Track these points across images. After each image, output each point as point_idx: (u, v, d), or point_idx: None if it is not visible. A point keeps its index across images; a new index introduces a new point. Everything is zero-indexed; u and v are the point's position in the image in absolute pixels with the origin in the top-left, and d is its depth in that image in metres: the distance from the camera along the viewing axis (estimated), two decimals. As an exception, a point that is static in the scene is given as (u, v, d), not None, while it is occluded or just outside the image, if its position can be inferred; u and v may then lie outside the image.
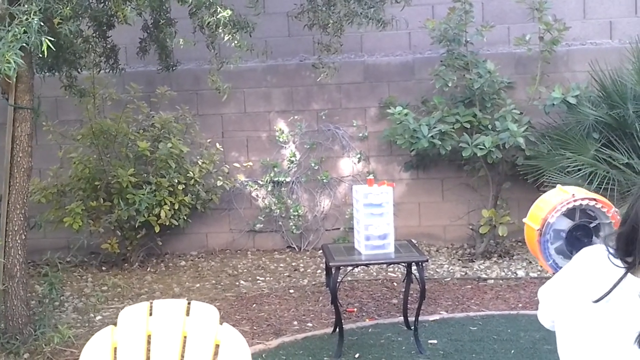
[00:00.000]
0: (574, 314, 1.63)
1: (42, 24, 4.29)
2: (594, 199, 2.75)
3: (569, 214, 2.75)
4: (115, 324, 3.09)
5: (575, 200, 2.73)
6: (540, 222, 2.75)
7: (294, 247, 7.80)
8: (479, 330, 5.43)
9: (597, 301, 1.56)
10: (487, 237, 7.23)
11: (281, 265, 7.35)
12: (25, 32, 4.18)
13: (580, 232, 2.78)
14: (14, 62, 4.11)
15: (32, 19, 4.19)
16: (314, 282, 6.74)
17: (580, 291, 1.63)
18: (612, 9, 7.67)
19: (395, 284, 6.59)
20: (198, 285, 6.82)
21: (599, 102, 6.89)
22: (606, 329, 1.55)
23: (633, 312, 1.51)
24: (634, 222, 1.56)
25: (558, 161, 6.63)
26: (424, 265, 5.12)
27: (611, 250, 1.61)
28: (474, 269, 6.95)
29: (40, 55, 4.56)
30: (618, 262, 1.58)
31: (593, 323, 1.58)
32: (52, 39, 4.33)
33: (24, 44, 4.20)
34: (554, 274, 2.76)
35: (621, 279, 1.55)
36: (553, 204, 2.73)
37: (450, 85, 6.99)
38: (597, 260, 1.64)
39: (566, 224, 2.76)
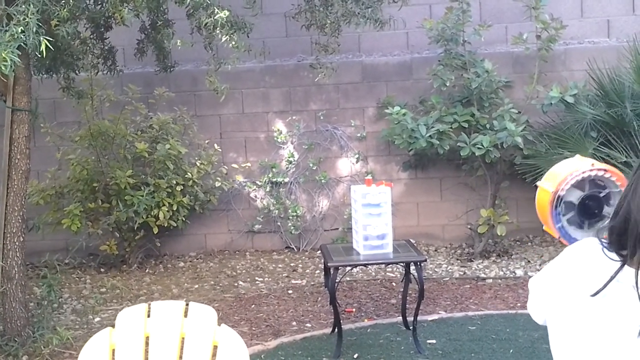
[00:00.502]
0: (568, 309, 1.62)
1: (39, 24, 4.29)
2: (610, 171, 2.77)
3: (579, 185, 2.76)
4: (113, 326, 3.10)
5: (591, 170, 2.74)
6: (556, 186, 2.75)
7: (293, 248, 7.80)
8: (477, 329, 5.43)
9: (594, 295, 1.55)
10: (485, 236, 7.23)
11: (280, 265, 7.35)
12: (23, 31, 4.18)
13: (591, 202, 2.79)
14: (11, 60, 4.11)
15: (30, 18, 4.19)
16: (312, 283, 6.74)
17: (574, 286, 1.61)
18: (610, 8, 7.67)
19: (393, 284, 6.59)
20: (197, 286, 6.82)
21: (596, 101, 6.89)
22: (604, 323, 1.54)
23: (631, 304, 1.50)
24: (626, 212, 1.55)
25: (556, 160, 6.52)
26: (422, 265, 5.12)
27: (605, 244, 1.60)
28: (473, 269, 6.95)
29: (38, 56, 4.56)
30: (613, 255, 1.57)
31: (589, 317, 1.57)
32: (51, 39, 4.33)
33: (22, 44, 4.20)
34: (559, 238, 2.76)
35: (617, 271, 1.54)
36: (569, 171, 2.75)
37: (448, 84, 6.99)
38: (590, 254, 1.63)
39: (576, 196, 2.77)
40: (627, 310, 1.50)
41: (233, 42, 5.37)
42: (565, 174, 2.74)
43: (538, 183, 2.90)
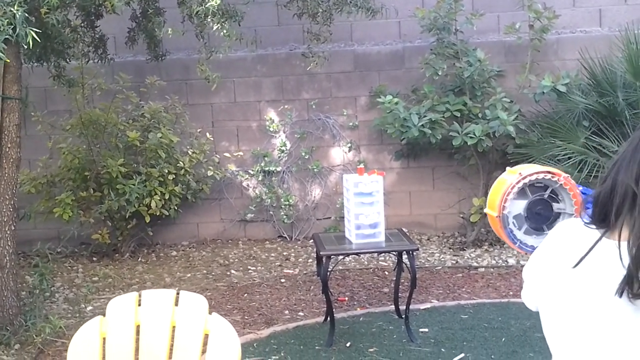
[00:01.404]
0: (554, 285, 1.64)
1: (27, 15, 4.25)
2: (541, 172, 2.77)
3: (520, 195, 2.77)
4: (105, 315, 3.09)
5: (524, 178, 2.75)
6: (497, 208, 2.77)
7: (285, 237, 7.80)
8: (469, 318, 5.45)
9: (575, 266, 1.57)
10: (478, 225, 7.25)
11: (272, 254, 7.35)
12: (10, 23, 4.15)
13: (539, 207, 2.80)
14: (-3, 55, 4.09)
15: (17, 10, 4.16)
16: (305, 272, 6.74)
17: (558, 262, 1.64)
18: (602, -3, 7.67)
19: (386, 272, 6.60)
20: (189, 275, 6.81)
21: (588, 90, 6.90)
22: (586, 295, 1.56)
23: (611, 273, 1.52)
24: (615, 175, 1.57)
25: (548, 149, 6.63)
26: (414, 254, 5.12)
27: (586, 220, 1.62)
28: (465, 258, 6.97)
29: (27, 46, 4.54)
30: (593, 227, 1.60)
31: (573, 290, 1.59)
32: (39, 30, 4.30)
33: (9, 37, 4.17)
34: (525, 253, 2.78)
35: (597, 241, 1.56)
36: (503, 190, 2.76)
37: (440, 73, 6.98)
38: (572, 230, 1.65)
39: (522, 206, 2.78)
40: (607, 281, 1.52)
41: (224, 31, 5.36)
42: (501, 194, 2.75)
43: (485, 210, 2.91)
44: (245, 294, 6.21)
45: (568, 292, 1.60)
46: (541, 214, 2.78)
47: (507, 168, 2.91)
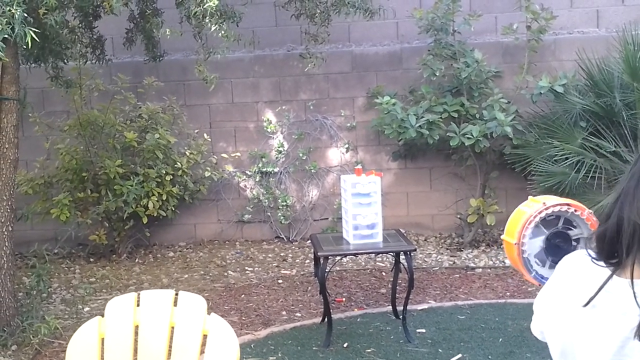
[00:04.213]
0: (561, 321, 1.61)
1: (26, 15, 4.25)
2: (564, 204, 2.78)
3: (536, 233, 2.78)
4: (103, 315, 3.09)
5: (547, 208, 2.75)
6: (516, 235, 2.77)
7: (283, 238, 7.80)
8: (467, 319, 5.45)
9: (585, 305, 1.54)
10: (475, 226, 7.25)
11: (270, 255, 7.35)
12: (8, 23, 4.15)
13: (558, 239, 2.80)
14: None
15: (16, 10, 4.15)
16: (302, 272, 6.74)
17: (567, 298, 1.61)
18: (599, -2, 7.68)
19: (383, 273, 6.60)
20: (186, 276, 6.81)
21: (586, 91, 6.90)
22: (594, 333, 1.53)
23: (621, 314, 1.49)
24: (619, 213, 1.53)
25: (545, 150, 6.64)
26: (412, 254, 5.13)
27: (592, 254, 1.59)
28: (462, 258, 6.97)
29: (26, 47, 4.53)
30: (601, 263, 1.56)
31: (581, 328, 1.56)
32: (38, 30, 4.30)
33: (7, 36, 4.17)
34: (539, 285, 2.76)
35: (607, 280, 1.53)
36: (525, 218, 2.76)
37: (437, 74, 6.98)
38: (581, 265, 1.62)
39: (540, 244, 2.79)
40: (617, 320, 1.50)
41: (222, 32, 5.36)
42: (522, 222, 2.75)
43: (502, 237, 2.92)
44: (243, 295, 6.21)
45: (580, 332, 1.56)
46: (560, 247, 2.78)
47: (530, 197, 2.91)
